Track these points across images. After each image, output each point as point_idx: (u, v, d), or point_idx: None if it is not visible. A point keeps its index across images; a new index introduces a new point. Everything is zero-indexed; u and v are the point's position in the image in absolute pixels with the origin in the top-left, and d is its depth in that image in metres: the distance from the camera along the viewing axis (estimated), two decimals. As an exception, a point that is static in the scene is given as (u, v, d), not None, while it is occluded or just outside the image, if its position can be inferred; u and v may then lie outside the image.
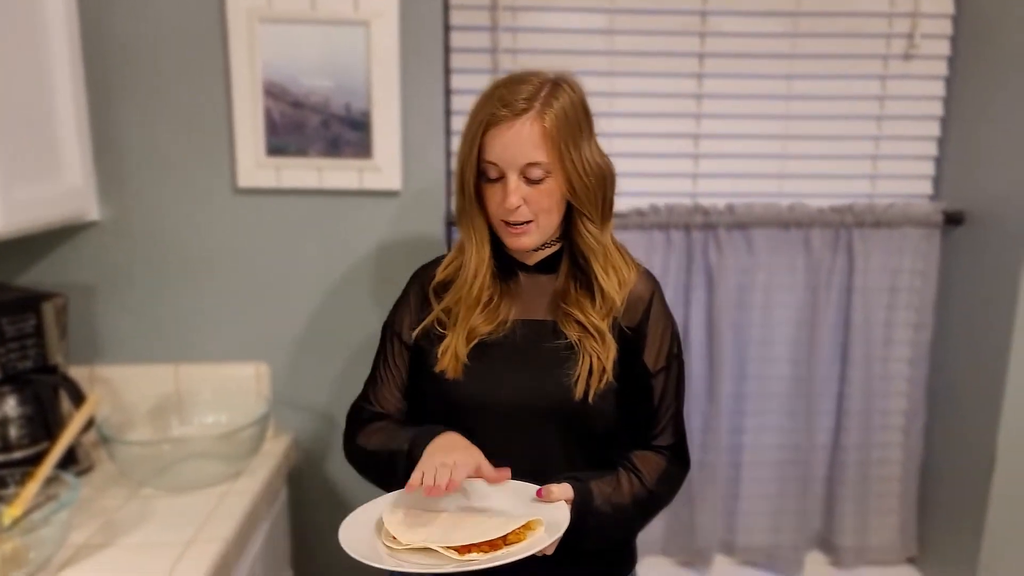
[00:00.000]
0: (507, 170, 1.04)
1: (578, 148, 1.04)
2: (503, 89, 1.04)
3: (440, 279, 1.18)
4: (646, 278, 1.17)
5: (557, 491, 1.03)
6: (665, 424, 1.15)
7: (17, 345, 1.42)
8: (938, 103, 1.90)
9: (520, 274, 1.16)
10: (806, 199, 1.87)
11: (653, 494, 1.12)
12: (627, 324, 1.12)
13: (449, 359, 1.10)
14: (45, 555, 1.17)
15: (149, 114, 1.60)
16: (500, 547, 0.94)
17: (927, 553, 2.04)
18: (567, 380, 1.08)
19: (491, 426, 1.10)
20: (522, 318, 1.13)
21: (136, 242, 1.64)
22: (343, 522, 1.02)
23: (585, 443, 1.13)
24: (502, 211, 1.06)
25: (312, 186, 1.63)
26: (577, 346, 1.09)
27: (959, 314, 1.90)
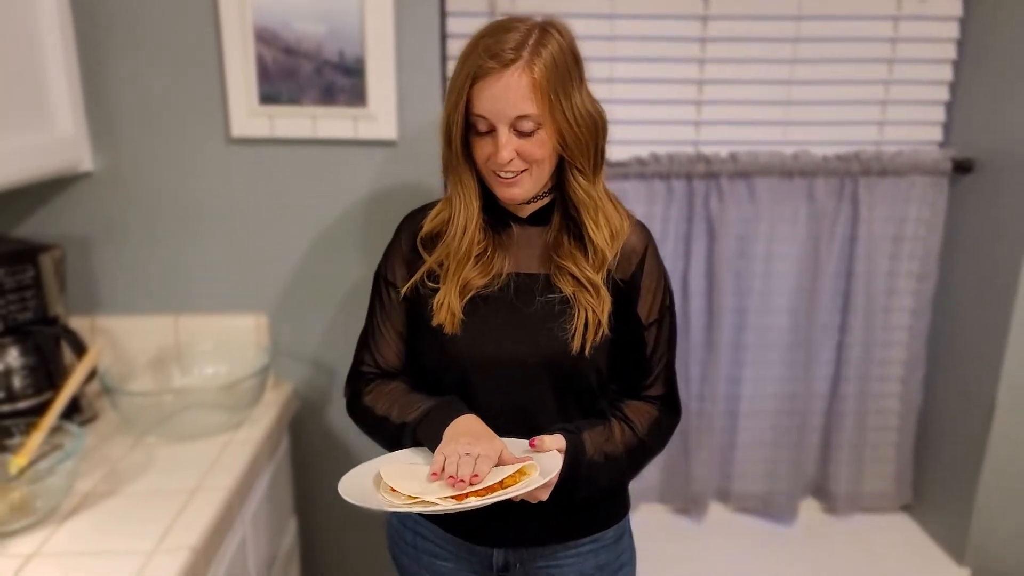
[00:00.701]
0: (497, 123, 1.01)
1: (568, 97, 1.01)
2: (489, 39, 1.00)
3: (428, 230, 1.15)
4: (639, 229, 1.15)
5: (549, 441, 1.04)
6: (657, 375, 1.16)
7: (16, 297, 1.43)
8: (951, 45, 1.84)
9: (513, 226, 1.14)
10: (811, 147, 1.84)
11: (644, 444, 1.13)
12: (620, 276, 1.11)
13: (445, 314, 1.09)
14: (52, 503, 1.20)
15: (140, 62, 1.57)
16: (494, 490, 0.95)
17: (922, 501, 2.08)
18: (563, 334, 1.08)
19: (487, 380, 1.10)
20: (516, 271, 1.12)
21: (131, 193, 1.63)
22: (342, 477, 1.03)
23: (579, 394, 1.13)
24: (494, 165, 1.04)
25: (306, 135, 1.60)
26: (572, 300, 1.09)
27: (964, 265, 1.88)
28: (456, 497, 0.94)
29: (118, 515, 1.22)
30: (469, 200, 1.09)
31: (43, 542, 1.14)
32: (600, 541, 1.20)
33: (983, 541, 1.90)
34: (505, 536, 1.16)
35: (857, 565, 1.94)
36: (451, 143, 1.06)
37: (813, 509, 2.11)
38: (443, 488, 0.96)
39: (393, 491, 0.98)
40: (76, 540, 1.14)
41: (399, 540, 1.26)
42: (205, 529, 1.18)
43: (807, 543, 2.01)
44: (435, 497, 0.95)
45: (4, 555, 1.10)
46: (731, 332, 1.92)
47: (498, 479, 0.96)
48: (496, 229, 1.14)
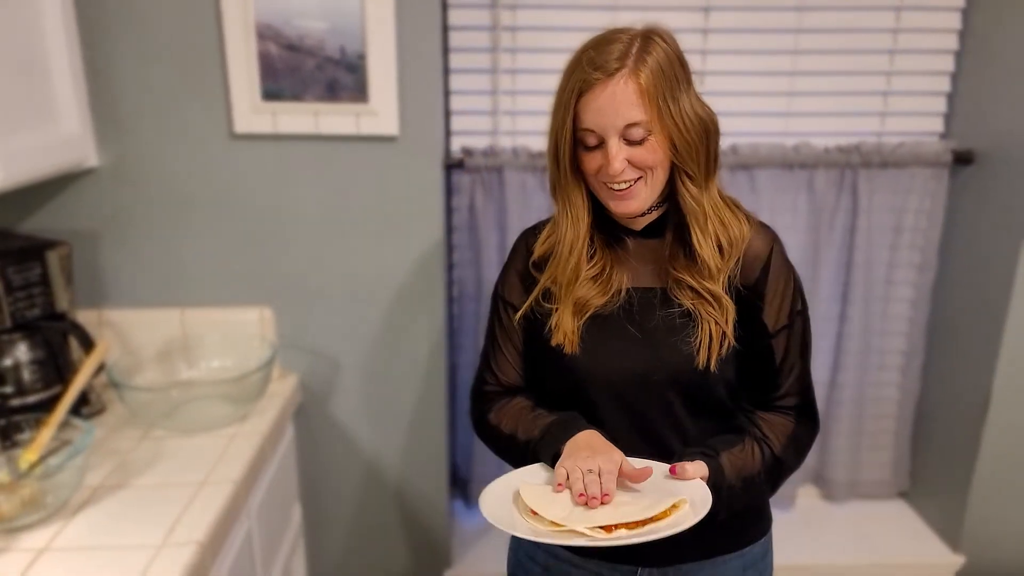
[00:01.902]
0: (606, 134, 0.98)
1: (677, 102, 0.97)
2: (592, 51, 0.97)
3: (539, 254, 1.13)
4: (763, 233, 1.09)
5: (691, 469, 1.00)
6: (790, 384, 1.10)
7: (24, 294, 1.45)
8: (953, 36, 1.84)
9: (628, 240, 1.10)
10: (812, 138, 1.84)
11: (782, 462, 1.08)
12: (743, 283, 1.06)
13: (562, 334, 1.07)
14: (62, 498, 1.23)
15: (143, 59, 1.57)
16: (646, 524, 0.92)
17: (918, 488, 2.10)
18: (687, 348, 1.04)
19: (611, 399, 1.08)
20: (633, 286, 1.09)
21: (136, 188, 1.65)
22: (483, 492, 1.00)
23: (708, 410, 1.09)
24: (606, 177, 1.01)
25: (309, 131, 1.61)
26: (693, 312, 1.05)
27: (963, 256, 1.89)
28: (605, 528, 0.91)
29: (127, 509, 1.25)
30: (576, 220, 1.07)
31: (53, 536, 1.16)
32: (745, 557, 1.16)
33: (978, 528, 1.92)
34: (650, 555, 1.10)
35: (854, 551, 1.97)
36: (559, 161, 1.04)
37: (811, 495, 2.14)
38: (585, 515, 0.93)
39: (534, 514, 0.95)
40: (86, 534, 1.17)
41: (526, 559, 1.23)
42: (212, 522, 1.21)
43: (805, 529, 2.04)
44: (582, 527, 0.91)
45: (16, 550, 1.13)
46: (731, 323, 1.93)
47: (650, 514, 0.92)
48: (611, 245, 1.11)
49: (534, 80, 1.80)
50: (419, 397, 1.81)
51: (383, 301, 1.75)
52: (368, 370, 1.80)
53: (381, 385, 1.81)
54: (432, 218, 1.71)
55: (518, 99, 1.82)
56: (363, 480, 1.88)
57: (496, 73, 1.78)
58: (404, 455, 1.86)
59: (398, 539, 1.94)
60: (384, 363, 1.79)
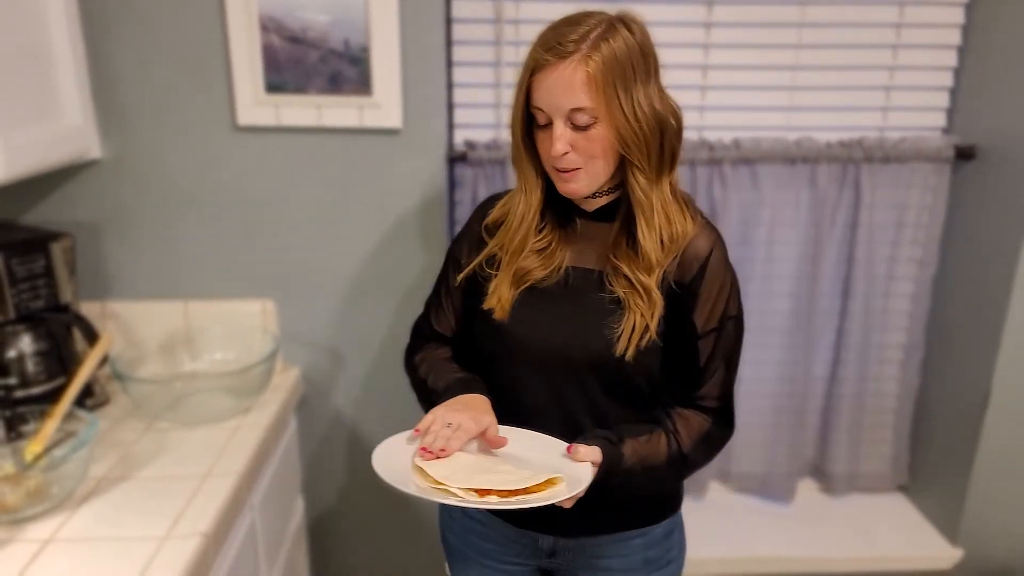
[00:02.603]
0: (553, 116, 1.00)
1: (628, 93, 0.98)
2: (551, 32, 0.99)
3: (494, 218, 1.16)
4: (707, 234, 1.09)
5: (584, 452, 1.02)
6: (710, 386, 1.11)
7: (28, 285, 1.46)
8: (956, 31, 1.83)
9: (578, 220, 1.13)
10: (814, 132, 1.84)
11: (687, 458, 1.10)
12: (677, 280, 1.07)
13: (495, 300, 1.11)
14: (67, 489, 1.23)
15: (147, 51, 1.57)
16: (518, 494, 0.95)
17: (917, 482, 2.11)
18: (609, 334, 1.06)
19: (533, 371, 1.10)
20: (574, 265, 1.11)
21: (139, 180, 1.65)
22: (380, 444, 1.06)
23: (627, 398, 1.11)
24: (550, 157, 1.03)
25: (312, 124, 1.61)
26: (623, 301, 1.06)
27: (964, 251, 1.89)
28: (478, 492, 0.95)
29: (131, 500, 1.25)
30: (529, 193, 1.09)
31: (58, 527, 1.17)
32: (649, 536, 1.19)
33: (976, 522, 1.93)
34: (553, 523, 1.15)
35: (853, 544, 1.98)
36: (514, 135, 1.07)
37: (811, 489, 2.15)
38: (466, 477, 0.97)
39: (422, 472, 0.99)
40: (91, 526, 1.18)
41: (449, 519, 1.29)
42: (216, 514, 1.22)
43: (804, 522, 2.05)
44: (459, 487, 0.95)
45: (21, 540, 1.14)
46: (732, 317, 1.93)
47: (527, 485, 0.96)
48: (562, 223, 1.13)
49: (537, 73, 1.80)
50: (421, 390, 1.82)
51: (385, 294, 1.75)
52: (371, 363, 1.80)
53: (384, 378, 1.81)
54: (435, 211, 1.71)
55: (521, 92, 1.82)
56: (365, 472, 1.87)
57: (499, 66, 1.78)
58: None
59: (400, 531, 1.94)
60: (386, 356, 1.80)
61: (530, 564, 1.24)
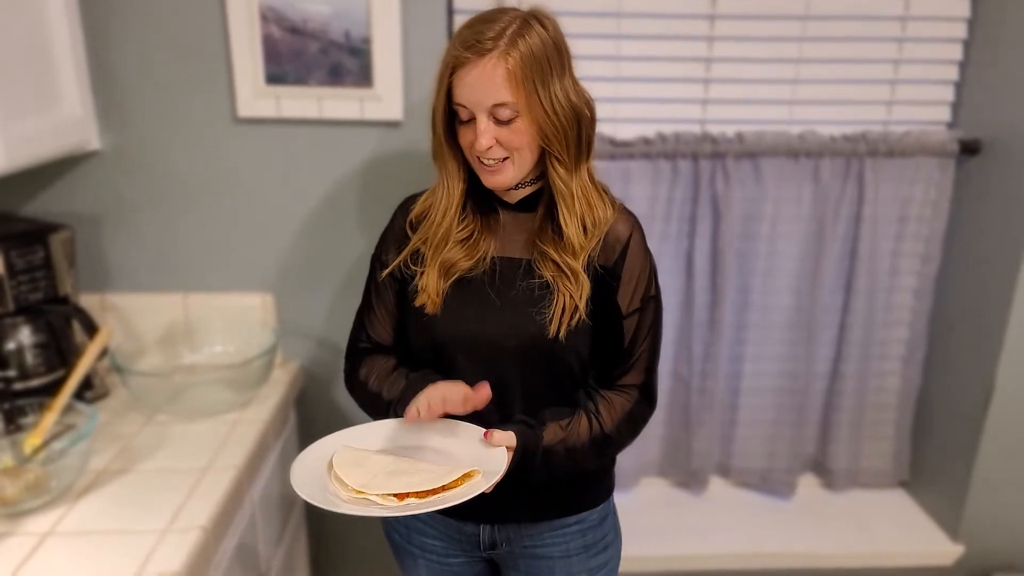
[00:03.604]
0: (476, 111, 1.03)
1: (546, 88, 1.02)
2: (468, 30, 1.02)
3: (416, 213, 1.18)
4: (626, 218, 1.16)
5: (499, 437, 1.06)
6: (633, 364, 1.16)
7: (27, 277, 1.45)
8: (962, 24, 1.82)
9: (500, 211, 1.16)
10: (818, 126, 1.83)
11: (610, 438, 1.15)
12: (602, 263, 1.12)
13: (426, 295, 1.13)
14: (66, 482, 1.23)
15: (146, 42, 1.56)
16: (436, 493, 0.98)
17: (918, 478, 2.11)
18: (540, 318, 1.10)
19: (466, 362, 1.13)
20: (500, 255, 1.14)
21: (139, 171, 1.64)
22: (297, 457, 1.07)
23: (558, 381, 1.15)
24: (473, 152, 1.07)
25: (312, 116, 1.60)
26: (552, 284, 1.11)
27: (968, 247, 1.88)
28: (398, 496, 0.97)
29: (131, 494, 1.25)
30: (451, 187, 1.13)
31: (58, 521, 1.17)
32: (584, 522, 1.23)
33: (977, 518, 1.93)
34: (489, 514, 1.19)
35: (854, 539, 1.98)
36: (436, 130, 1.10)
37: (811, 485, 2.15)
38: (383, 483, 0.98)
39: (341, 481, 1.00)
40: (90, 519, 1.18)
41: (393, 520, 1.30)
42: (216, 508, 1.22)
43: (805, 518, 2.04)
44: (377, 494, 0.97)
45: (21, 533, 1.13)
46: (734, 311, 1.93)
47: (442, 483, 0.98)
48: (484, 213, 1.16)
49: (539, 66, 1.79)
50: (421, 383, 1.81)
51: (386, 287, 1.74)
52: (371, 356, 1.80)
53: (384, 371, 1.81)
54: (436, 204, 1.70)
55: (523, 85, 1.80)
56: (365, 466, 1.88)
57: (501, 58, 1.77)
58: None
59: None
60: (387, 349, 1.79)
61: (474, 556, 1.27)
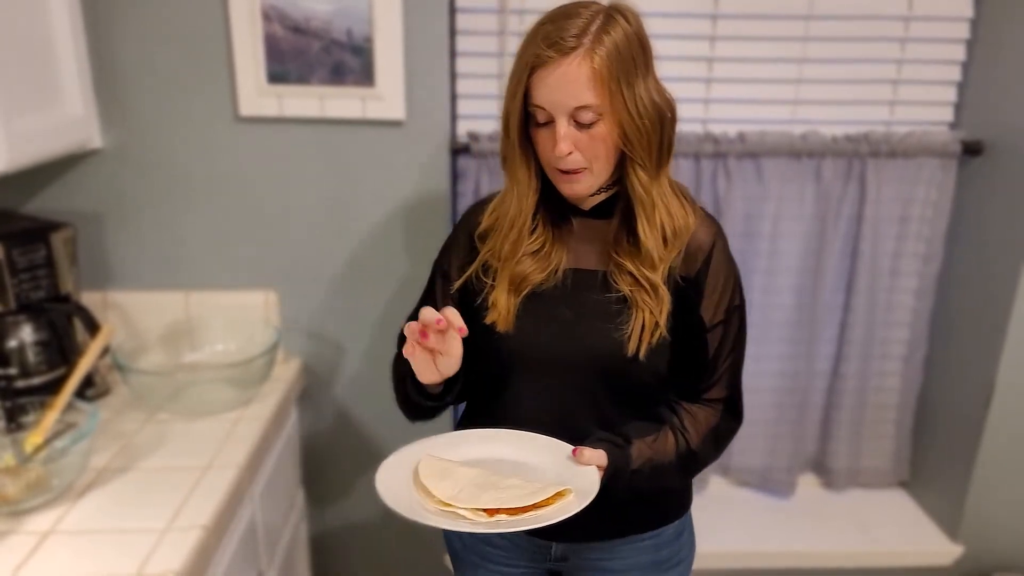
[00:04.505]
0: (556, 114, 0.96)
1: (632, 88, 0.95)
2: (550, 25, 0.95)
3: (485, 227, 1.12)
4: (708, 225, 1.08)
5: (589, 455, 1.00)
6: (718, 377, 1.10)
7: (29, 275, 1.45)
8: (965, 25, 1.81)
9: (573, 219, 1.09)
10: (820, 126, 1.83)
11: (697, 455, 1.09)
12: (683, 274, 1.06)
13: (497, 312, 1.07)
14: (67, 481, 1.23)
15: (148, 41, 1.56)
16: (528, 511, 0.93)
17: (918, 478, 2.11)
18: (618, 335, 1.03)
19: (539, 380, 1.08)
20: (573, 267, 1.08)
21: (141, 170, 1.64)
22: (382, 464, 1.02)
23: (634, 399, 1.09)
24: (553, 158, 1.00)
25: (314, 115, 1.60)
26: (629, 299, 1.04)
27: (969, 247, 1.88)
28: (488, 512, 0.93)
29: (132, 492, 1.25)
30: (523, 195, 1.06)
31: (59, 519, 1.17)
32: (660, 537, 1.18)
33: (977, 518, 1.93)
34: (566, 531, 1.10)
35: (853, 539, 1.98)
36: (508, 134, 1.02)
37: (811, 484, 2.15)
38: (472, 496, 0.94)
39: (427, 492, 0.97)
40: (91, 518, 1.18)
41: (451, 533, 1.26)
42: (216, 507, 1.21)
43: (805, 517, 2.04)
44: (467, 508, 0.93)
45: (22, 532, 1.13)
46: (735, 311, 1.92)
47: (534, 500, 0.94)
48: (556, 223, 1.09)
49: (541, 65, 1.78)
50: (422, 382, 1.81)
51: (388, 286, 1.75)
52: (373, 355, 1.80)
53: (385, 370, 1.79)
54: (438, 203, 1.70)
55: (525, 84, 1.80)
56: (367, 464, 1.89)
57: (504, 56, 1.76)
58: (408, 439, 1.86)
59: (400, 522, 1.94)
60: (389, 348, 1.78)
61: (538, 567, 1.23)
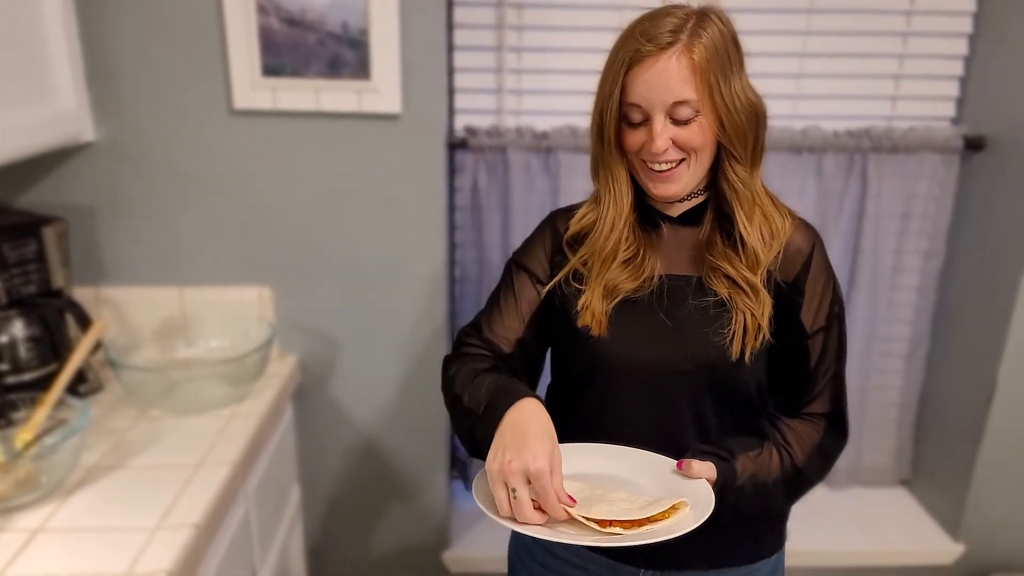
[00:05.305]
0: (652, 110, 0.94)
1: (728, 83, 0.94)
2: (646, 23, 0.94)
3: (574, 232, 1.08)
4: (804, 229, 1.05)
5: (698, 468, 0.95)
6: (821, 389, 1.04)
7: (20, 271, 1.43)
8: (968, 19, 1.80)
9: (663, 226, 1.06)
10: (821, 121, 1.81)
11: (802, 473, 1.03)
12: (783, 278, 1.02)
13: (590, 316, 1.03)
14: (57, 478, 1.21)
15: (141, 33, 1.54)
16: (643, 524, 0.87)
17: (920, 476, 2.09)
18: (719, 339, 0.99)
19: (635, 389, 1.03)
20: (667, 273, 1.04)
21: (134, 164, 1.62)
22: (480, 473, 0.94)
23: (732, 408, 1.05)
24: (648, 156, 0.97)
25: (310, 108, 1.58)
26: (728, 302, 1.00)
27: (971, 244, 1.86)
28: (600, 523, 0.86)
29: (123, 490, 1.23)
30: (619, 197, 1.03)
31: (48, 517, 1.15)
32: (755, 573, 1.12)
33: (978, 517, 1.92)
34: (656, 557, 1.06)
35: (854, 538, 1.97)
36: (604, 136, 0.99)
37: (812, 482, 2.13)
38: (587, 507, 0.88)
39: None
40: (81, 515, 1.16)
41: (524, 554, 1.20)
42: (209, 505, 1.20)
43: (805, 515, 2.02)
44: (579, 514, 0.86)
45: (10, 530, 1.12)
46: (735, 308, 1.91)
47: (648, 514, 0.87)
48: (646, 230, 1.07)
49: (540, 59, 1.77)
50: (419, 378, 1.80)
51: (383, 281, 1.73)
52: (369, 351, 1.78)
53: (381, 366, 1.79)
54: (434, 198, 1.68)
55: (523, 78, 1.79)
56: (362, 461, 1.87)
57: (501, 51, 1.75)
58: (403, 436, 1.85)
59: (397, 521, 1.93)
60: (384, 344, 1.78)
61: None
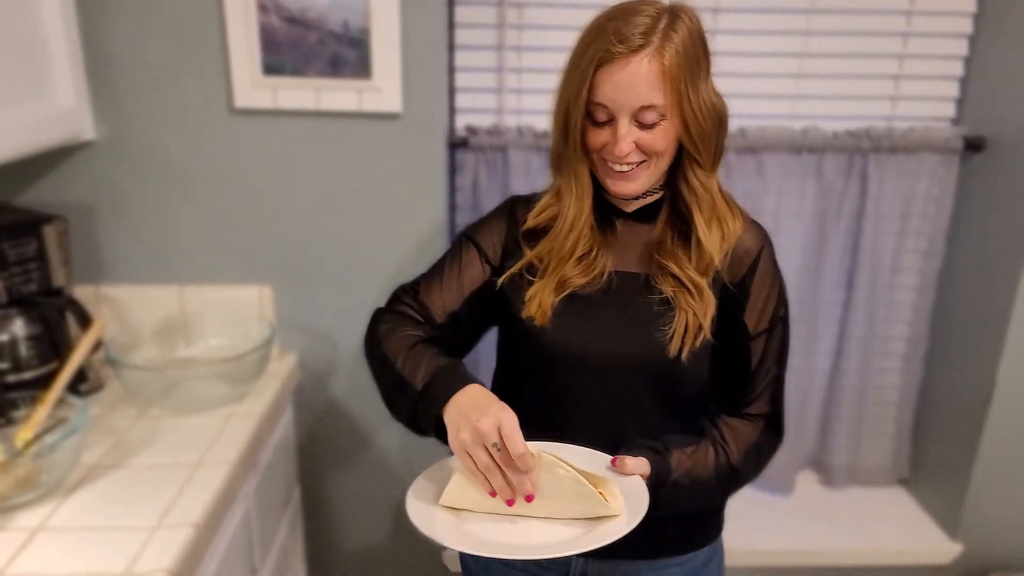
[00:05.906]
0: (618, 113, 0.94)
1: (696, 89, 0.94)
2: (618, 21, 0.92)
3: (531, 226, 1.09)
4: (754, 230, 1.06)
5: (631, 464, 0.97)
6: (761, 391, 1.07)
7: (20, 269, 1.43)
8: (968, 20, 1.80)
9: (617, 222, 1.08)
10: (821, 121, 1.81)
11: (737, 471, 1.05)
12: (730, 280, 1.04)
13: (536, 306, 1.04)
14: (57, 477, 1.21)
15: (141, 31, 1.54)
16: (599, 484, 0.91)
17: (918, 476, 2.10)
18: (660, 336, 1.01)
19: (576, 380, 1.05)
20: (616, 269, 1.06)
21: (134, 162, 1.62)
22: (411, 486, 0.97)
23: (674, 404, 1.06)
24: (609, 156, 0.97)
25: (310, 107, 1.58)
26: (672, 301, 1.02)
27: (971, 244, 1.86)
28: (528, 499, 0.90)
29: (123, 489, 1.23)
30: (581, 196, 1.03)
31: (48, 516, 1.15)
32: (687, 563, 1.14)
33: (977, 517, 1.92)
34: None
35: (852, 537, 1.97)
36: (568, 133, 0.99)
37: (811, 481, 2.14)
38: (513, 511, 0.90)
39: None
40: (81, 514, 1.16)
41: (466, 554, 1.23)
42: (208, 504, 1.20)
43: (804, 515, 2.03)
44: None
45: (10, 529, 1.12)
46: (734, 308, 1.91)
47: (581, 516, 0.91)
48: (601, 226, 1.07)
49: (541, 58, 1.77)
50: (419, 378, 1.80)
51: (384, 280, 1.73)
52: (368, 350, 1.78)
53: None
54: (435, 197, 1.68)
55: (524, 77, 1.78)
56: (362, 460, 1.87)
57: (502, 50, 1.75)
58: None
59: (397, 520, 1.93)
60: (384, 343, 1.78)
61: None
